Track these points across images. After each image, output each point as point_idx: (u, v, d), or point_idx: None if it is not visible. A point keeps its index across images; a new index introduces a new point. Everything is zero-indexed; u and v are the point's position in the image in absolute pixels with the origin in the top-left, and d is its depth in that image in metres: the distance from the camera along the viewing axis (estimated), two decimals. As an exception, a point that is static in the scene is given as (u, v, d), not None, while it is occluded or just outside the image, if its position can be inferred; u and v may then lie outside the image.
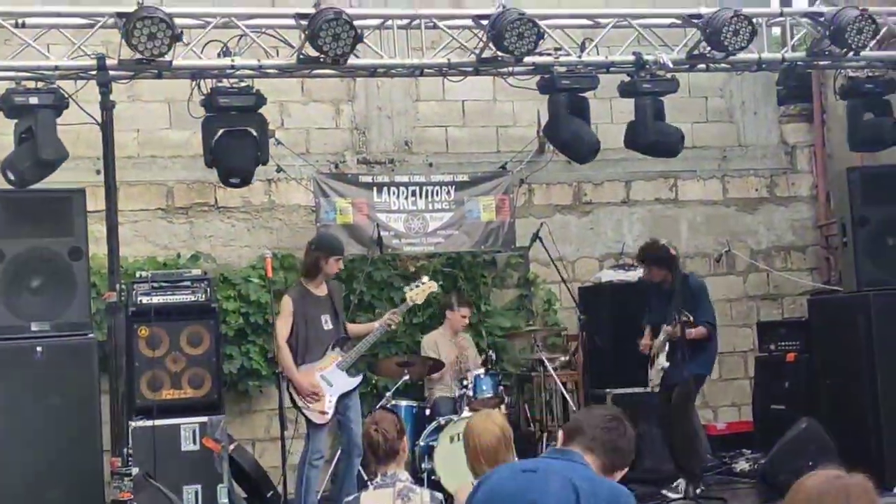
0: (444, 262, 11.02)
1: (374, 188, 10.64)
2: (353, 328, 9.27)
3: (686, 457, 9.40)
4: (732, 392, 11.56)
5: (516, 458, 5.59)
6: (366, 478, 8.99)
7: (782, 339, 10.83)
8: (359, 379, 9.04)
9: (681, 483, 9.26)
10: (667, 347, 9.25)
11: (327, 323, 8.93)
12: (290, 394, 8.70)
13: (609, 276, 11.08)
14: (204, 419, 8.97)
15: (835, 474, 3.04)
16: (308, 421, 8.75)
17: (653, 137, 8.54)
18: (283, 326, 8.73)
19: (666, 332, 9.22)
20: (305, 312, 8.83)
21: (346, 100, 11.20)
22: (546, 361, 9.97)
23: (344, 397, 8.82)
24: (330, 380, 8.76)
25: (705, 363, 9.49)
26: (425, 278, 9.49)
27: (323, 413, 8.72)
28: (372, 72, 8.34)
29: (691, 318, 9.12)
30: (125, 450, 7.34)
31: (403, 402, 9.48)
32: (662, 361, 9.28)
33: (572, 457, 3.90)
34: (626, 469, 4.01)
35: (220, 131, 7.77)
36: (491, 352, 10.10)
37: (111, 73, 7.44)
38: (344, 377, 8.88)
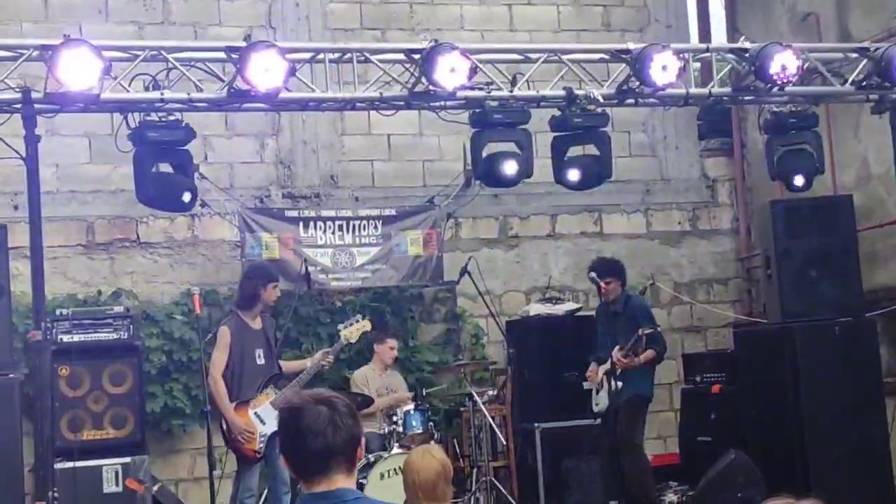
0: (371, 297, 10.93)
1: (301, 223, 10.55)
2: (285, 365, 9.17)
3: (644, 487, 9.42)
4: (658, 424, 11.60)
5: (451, 494, 5.59)
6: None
7: (707, 370, 10.91)
8: None
9: None
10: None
11: (260, 358, 8.83)
12: (223, 430, 8.55)
13: (537, 309, 11.08)
14: (127, 460, 8.82)
15: (785, 502, 3.04)
16: (239, 459, 8.60)
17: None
18: (221, 359, 8.58)
19: (616, 361, 9.29)
20: (242, 346, 8.69)
21: (271, 133, 11.10)
22: (475, 396, 9.91)
23: (275, 435, 8.69)
24: (263, 417, 8.65)
25: (648, 384, 9.66)
26: (359, 317, 9.43)
27: (255, 452, 8.60)
28: (303, 105, 8.26)
29: (643, 336, 9.26)
30: (51, 493, 7.13)
31: (331, 438, 9.35)
32: (615, 384, 9.25)
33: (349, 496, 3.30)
34: None
35: (156, 166, 7.64)
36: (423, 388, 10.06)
37: (37, 106, 7.27)
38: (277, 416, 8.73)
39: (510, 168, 8.34)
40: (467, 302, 11.26)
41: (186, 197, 7.87)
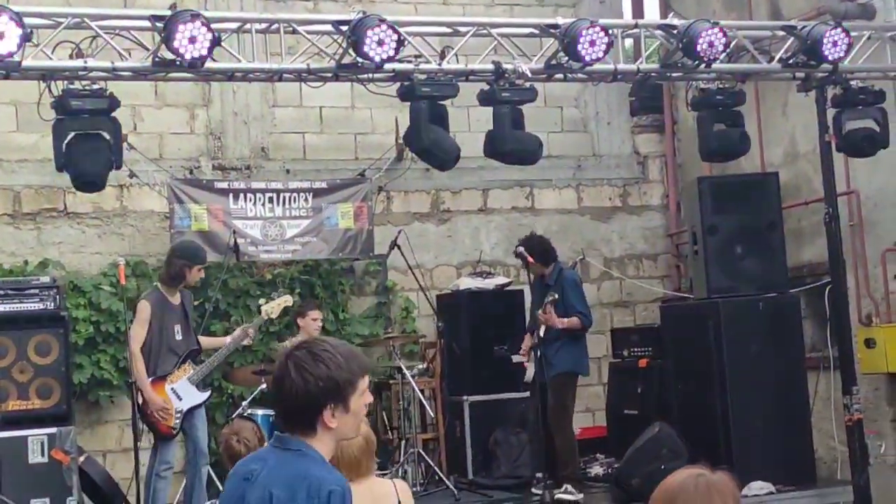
0: (301, 270, 10.92)
1: (231, 194, 10.50)
2: (204, 341, 9.15)
3: (571, 460, 9.52)
4: (586, 398, 11.70)
5: (376, 467, 5.57)
6: (222, 488, 8.87)
7: (635, 345, 11.03)
8: (207, 394, 8.94)
9: (568, 486, 9.36)
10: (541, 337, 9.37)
11: (178, 333, 8.79)
12: (138, 405, 8.52)
13: (467, 283, 11.13)
14: (53, 430, 8.71)
15: (697, 472, 3.11)
16: (155, 434, 8.58)
17: (511, 146, 8.55)
18: (140, 333, 8.55)
19: (539, 318, 9.37)
20: (161, 321, 8.65)
21: (202, 104, 11.02)
22: (404, 369, 9.96)
23: (192, 410, 8.70)
24: (180, 393, 8.65)
25: (578, 360, 9.70)
26: (281, 291, 9.41)
27: (171, 428, 8.60)
28: (230, 76, 8.20)
29: (556, 297, 9.34)
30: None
31: (260, 411, 9.36)
32: (540, 354, 9.33)
33: (291, 444, 3.36)
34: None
35: (72, 134, 7.49)
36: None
37: (-43, 73, 7.16)
38: (194, 391, 8.76)
39: None
40: (398, 275, 11.28)
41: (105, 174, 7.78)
